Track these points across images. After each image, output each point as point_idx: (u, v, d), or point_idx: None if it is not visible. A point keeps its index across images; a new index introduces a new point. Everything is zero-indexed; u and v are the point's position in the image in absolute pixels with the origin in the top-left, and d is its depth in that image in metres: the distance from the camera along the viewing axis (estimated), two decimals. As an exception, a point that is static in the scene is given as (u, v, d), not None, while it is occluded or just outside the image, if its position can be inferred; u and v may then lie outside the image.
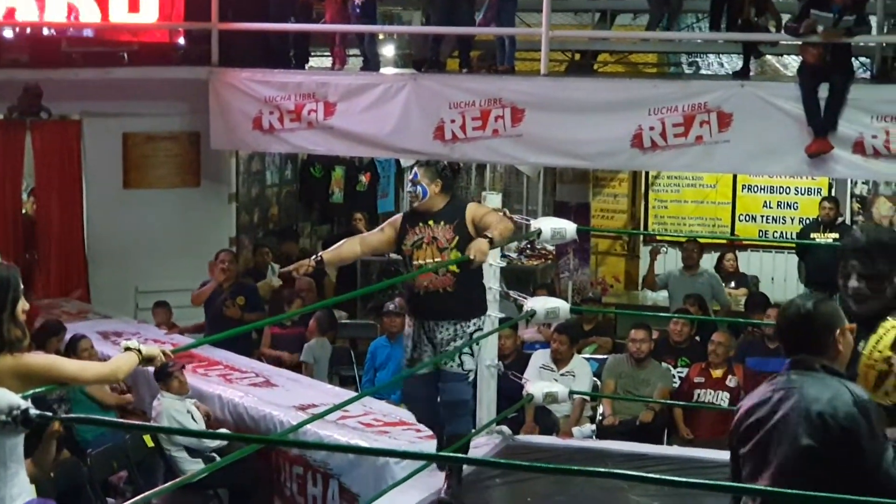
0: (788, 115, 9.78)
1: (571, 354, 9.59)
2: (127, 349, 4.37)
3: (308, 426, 7.04)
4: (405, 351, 6.76)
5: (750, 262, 13.54)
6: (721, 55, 13.90)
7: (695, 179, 14.33)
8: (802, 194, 13.88)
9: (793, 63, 12.09)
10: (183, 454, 8.49)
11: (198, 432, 8.61)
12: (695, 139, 10.08)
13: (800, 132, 9.74)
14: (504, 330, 8.34)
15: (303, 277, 9.93)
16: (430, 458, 6.19)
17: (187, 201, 12.81)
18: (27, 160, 12.32)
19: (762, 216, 14.21)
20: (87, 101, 12.21)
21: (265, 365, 10.12)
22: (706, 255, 12.39)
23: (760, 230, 14.16)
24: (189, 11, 12.17)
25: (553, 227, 7.43)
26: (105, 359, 7.10)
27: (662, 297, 12.30)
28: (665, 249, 13.18)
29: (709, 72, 14.14)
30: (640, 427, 9.01)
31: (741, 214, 14.23)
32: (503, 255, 8.69)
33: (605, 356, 10.27)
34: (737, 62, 11.77)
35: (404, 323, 10.40)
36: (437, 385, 6.57)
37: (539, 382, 8.03)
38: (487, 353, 7.60)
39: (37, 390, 4.03)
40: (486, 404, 7.60)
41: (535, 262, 14.03)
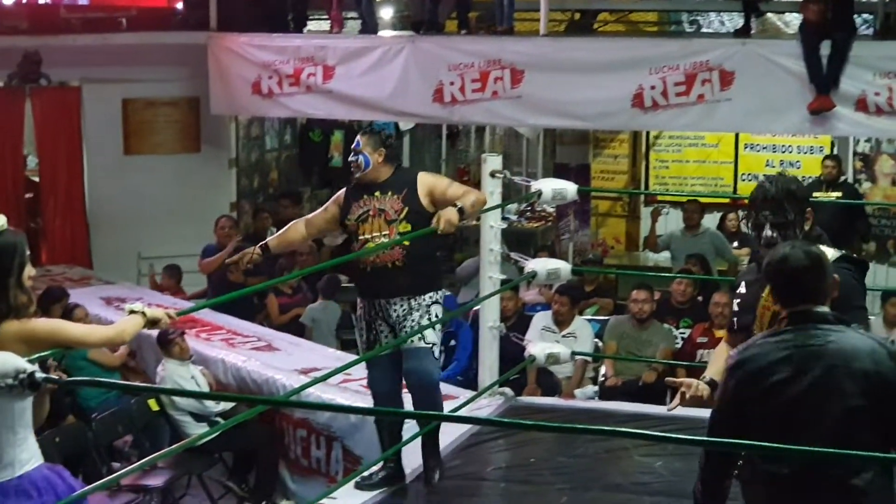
0: (790, 73, 9.74)
1: (573, 316, 9.60)
2: (132, 312, 4.38)
3: (310, 389, 7.06)
4: (359, 334, 6.34)
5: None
6: (722, 13, 13.82)
7: (696, 139, 14.28)
8: (805, 153, 13.84)
9: (794, 21, 12.01)
10: (188, 419, 8.52)
11: (202, 394, 8.66)
12: (696, 98, 10.04)
13: (802, 90, 9.70)
14: (505, 292, 8.34)
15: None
16: (432, 418, 6.20)
17: (188, 167, 12.81)
18: (27, 127, 12.32)
19: (765, 175, 14.17)
20: (87, 68, 12.20)
21: (267, 329, 10.14)
22: (708, 216, 12.37)
23: (762, 189, 14.11)
24: (187, -24, 12.14)
25: (553, 189, 7.42)
26: (107, 324, 7.12)
27: (664, 258, 12.29)
28: (667, 210, 13.16)
29: (710, 30, 14.06)
30: (643, 388, 9.03)
31: (743, 174, 14.18)
32: (504, 217, 8.68)
33: (607, 317, 10.28)
34: (738, 20, 11.71)
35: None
36: (399, 368, 6.21)
37: (541, 344, 8.05)
38: (489, 315, 7.62)
39: (42, 354, 4.03)
40: (489, 366, 7.62)
41: (536, 224, 14.02)
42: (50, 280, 10.83)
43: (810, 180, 11.85)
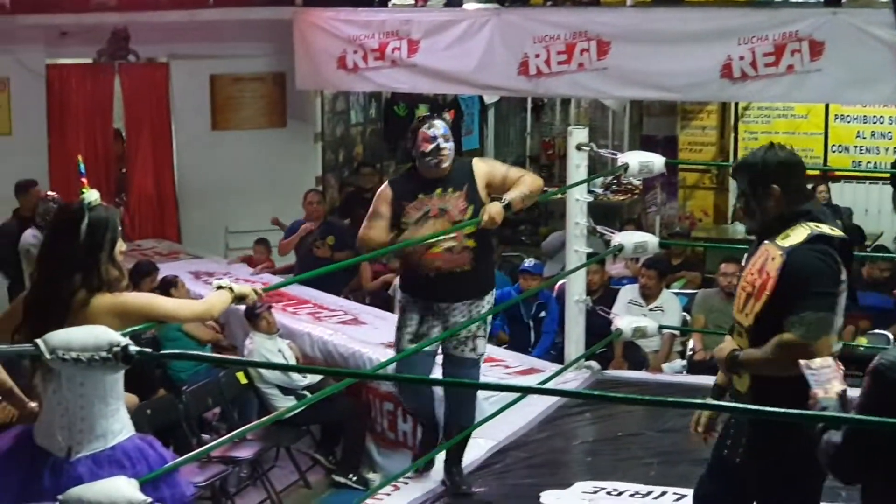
0: (882, 43, 9.54)
1: (660, 289, 9.52)
2: (220, 288, 4.42)
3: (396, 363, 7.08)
4: (406, 324, 5.74)
5: (843, 194, 13.31)
6: (812, -18, 13.59)
7: (786, 110, 14.06)
8: (896, 124, 13.60)
9: (886, -11, 11.78)
10: (275, 391, 8.60)
11: (290, 366, 8.73)
12: (786, 69, 9.88)
13: (893, 60, 9.50)
14: (591, 265, 8.30)
15: None
16: (520, 391, 6.20)
17: (274, 142, 12.90)
18: (116, 103, 12.49)
19: (855, 146, 13.93)
20: (174, 44, 12.33)
21: (353, 303, 10.19)
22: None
23: (853, 161, 13.88)
24: (272, -49, 12.19)
25: (640, 161, 7.35)
26: (196, 298, 7.21)
27: (753, 231, 12.12)
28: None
29: None
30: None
31: (833, 145, 13.95)
32: (590, 191, 8.63)
33: (695, 291, 10.18)
34: (828, -11, 11.50)
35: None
36: (439, 369, 5.88)
37: (628, 317, 7.99)
38: (575, 289, 7.59)
39: (135, 328, 4.09)
40: (575, 340, 7.59)
41: (622, 197, 13.91)
42: (140, 254, 10.98)
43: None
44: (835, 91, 10.16)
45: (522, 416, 6.72)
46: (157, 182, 12.72)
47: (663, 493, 5.71)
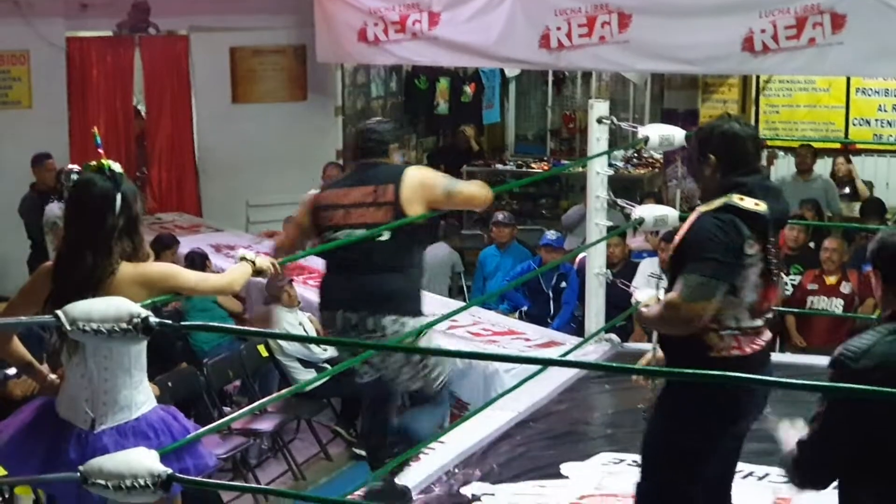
0: (904, 15, 9.48)
1: (681, 263, 9.48)
2: (242, 259, 4.43)
3: (417, 335, 7.09)
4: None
5: (864, 167, 13.25)
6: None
7: (807, 83, 13.98)
8: (919, 97, 13.51)
9: (909, -40, 11.68)
10: (296, 364, 8.63)
11: (311, 338, 8.76)
12: (807, 41, 9.82)
13: (916, 32, 9.44)
14: (612, 238, 8.29)
15: None
16: (541, 363, 6.20)
17: (294, 115, 12.91)
18: (137, 77, 12.50)
19: (877, 120, 13.85)
20: (194, 16, 12.32)
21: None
22: (820, 161, 12.15)
23: (875, 134, 13.80)
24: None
25: (661, 134, 7.31)
26: (218, 272, 7.24)
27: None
28: (783, 154, 12.96)
29: (822, -28, 13.74)
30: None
31: (855, 118, 13.87)
32: (610, 164, 8.61)
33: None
34: (851, -39, 11.41)
35: (512, 233, 10.56)
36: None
37: (647, 290, 7.96)
38: (595, 262, 7.58)
39: (157, 299, 4.10)
40: (595, 313, 7.59)
41: (643, 171, 13.87)
42: (160, 227, 11.01)
43: None
44: (856, 64, 10.09)
45: (543, 389, 6.73)
46: (178, 155, 12.75)
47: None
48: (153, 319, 3.64)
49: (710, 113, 14.41)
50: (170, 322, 4.02)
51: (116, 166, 4.20)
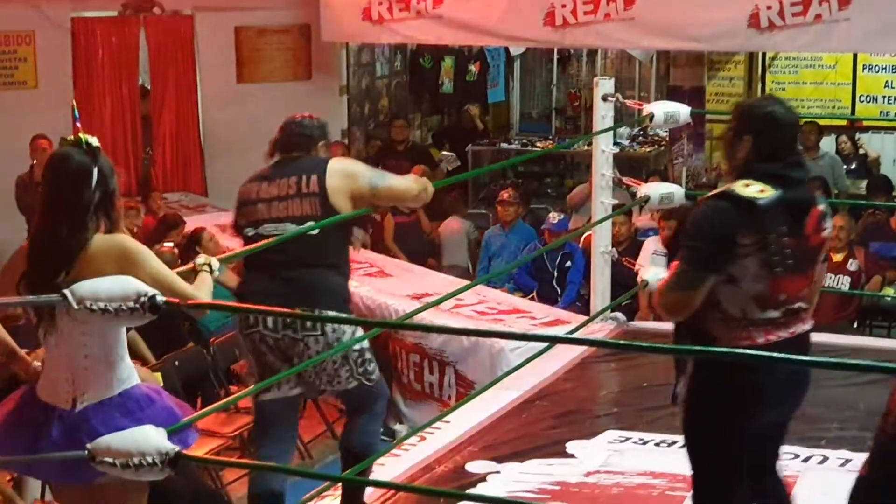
0: (912, -9, 9.45)
1: (683, 240, 9.47)
2: (202, 267, 4.34)
3: (422, 314, 7.10)
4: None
5: (871, 144, 13.23)
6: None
7: (813, 60, 13.95)
8: (925, 74, 13.47)
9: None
10: (302, 343, 8.62)
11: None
12: (814, 18, 9.79)
13: (923, 9, 9.41)
14: (617, 217, 8.28)
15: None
16: (547, 340, 6.21)
17: (299, 94, 12.88)
18: (142, 56, 12.50)
19: (884, 97, 13.83)
20: (199, -5, 12.32)
21: (379, 255, 10.21)
22: (826, 139, 12.12)
23: (882, 111, 13.78)
24: None
25: (666, 111, 7.31)
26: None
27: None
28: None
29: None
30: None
31: (862, 95, 13.84)
32: (615, 142, 8.60)
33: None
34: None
35: (518, 212, 10.55)
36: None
37: (653, 268, 7.97)
38: (601, 240, 7.58)
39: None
40: (601, 291, 7.59)
41: (648, 149, 13.85)
42: (166, 207, 11.02)
43: None
44: (863, 41, 10.06)
45: (548, 367, 6.74)
46: (183, 135, 12.75)
47: (689, 443, 5.71)
48: (160, 298, 3.64)
49: (717, 90, 14.41)
50: (177, 301, 3.96)
51: (94, 140, 4.08)
